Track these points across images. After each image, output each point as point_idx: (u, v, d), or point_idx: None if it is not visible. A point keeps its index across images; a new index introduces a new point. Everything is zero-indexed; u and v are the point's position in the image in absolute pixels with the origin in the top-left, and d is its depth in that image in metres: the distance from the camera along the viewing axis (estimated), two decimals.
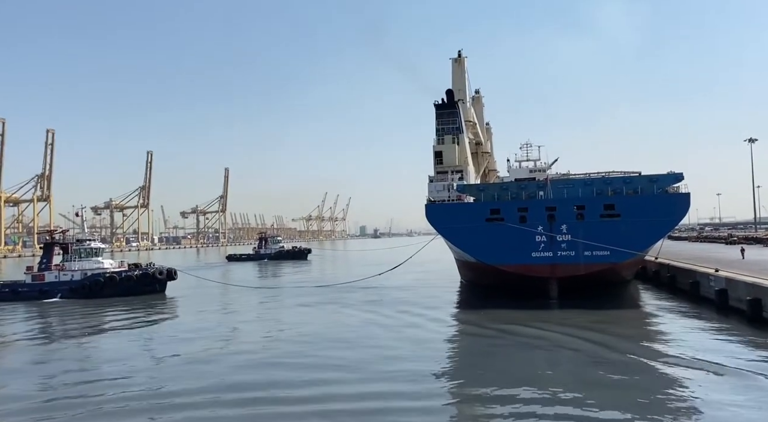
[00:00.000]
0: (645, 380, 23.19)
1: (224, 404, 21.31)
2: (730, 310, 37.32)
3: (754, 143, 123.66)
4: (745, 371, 23.66)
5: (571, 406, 20.12)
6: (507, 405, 20.48)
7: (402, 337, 33.74)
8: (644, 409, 19.45)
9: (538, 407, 20.12)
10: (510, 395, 21.58)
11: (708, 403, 19.97)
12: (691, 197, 49.27)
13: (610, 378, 23.57)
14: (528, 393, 21.75)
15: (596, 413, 19.38)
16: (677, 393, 21.40)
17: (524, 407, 20.22)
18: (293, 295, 56.64)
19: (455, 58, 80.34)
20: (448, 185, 60.86)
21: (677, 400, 20.56)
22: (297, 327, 38.09)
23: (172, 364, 28.23)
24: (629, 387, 22.20)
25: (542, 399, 20.96)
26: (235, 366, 27.03)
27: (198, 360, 28.76)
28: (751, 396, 20.61)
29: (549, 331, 33.85)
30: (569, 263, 47.51)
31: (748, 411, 19.03)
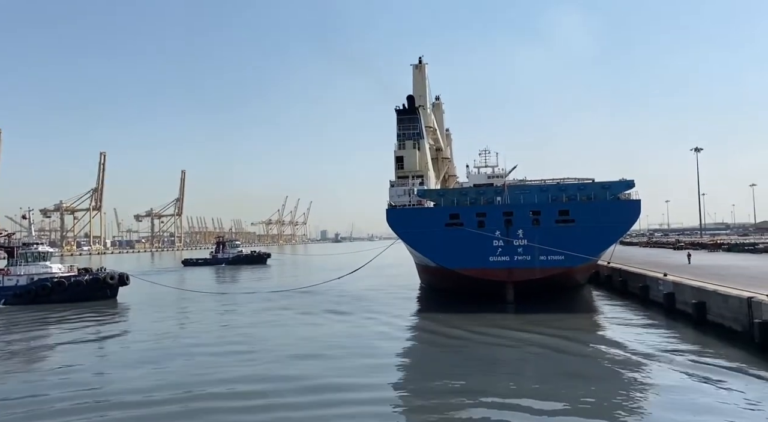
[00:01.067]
0: (598, 379, 23.96)
1: (176, 414, 20.86)
2: (677, 313, 38.77)
3: (699, 152, 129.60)
4: (691, 368, 24.94)
5: (531, 405, 20.61)
6: (464, 407, 20.79)
7: (361, 340, 33.81)
8: (600, 406, 20.20)
9: (496, 410, 20.47)
10: (466, 395, 21.93)
11: (657, 397, 21.14)
12: (641, 203, 51.18)
13: (567, 377, 24.29)
14: (484, 394, 22.09)
15: (556, 411, 19.92)
16: (630, 390, 22.33)
17: (481, 408, 20.56)
18: (251, 300, 55.82)
19: (416, 64, 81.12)
20: (408, 190, 61.31)
21: (630, 397, 21.41)
22: (253, 332, 37.62)
23: (121, 372, 27.33)
24: (585, 386, 22.88)
25: (500, 401, 21.32)
26: (186, 373, 26.49)
27: (151, 366, 28.03)
28: (697, 389, 21.96)
29: (506, 335, 34.50)
30: (525, 267, 48.55)
31: (695, 402, 20.20)
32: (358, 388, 23.34)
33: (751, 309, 29.20)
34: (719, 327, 32.60)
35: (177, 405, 21.53)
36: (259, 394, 22.64)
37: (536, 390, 22.32)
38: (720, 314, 33.05)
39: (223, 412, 20.57)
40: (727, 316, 32.15)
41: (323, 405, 21.26)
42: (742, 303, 30.30)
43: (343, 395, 22.41)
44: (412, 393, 23.43)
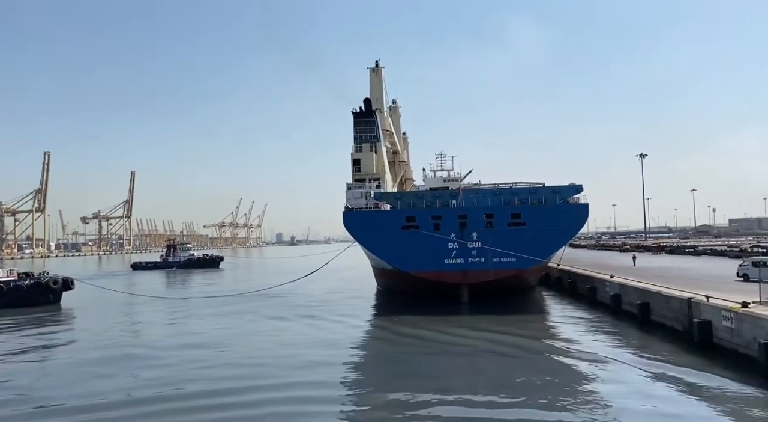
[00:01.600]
0: (548, 377, 24.71)
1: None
2: (623, 313, 40.29)
3: (644, 158, 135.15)
4: (635, 365, 26.14)
5: (485, 402, 21.06)
6: (417, 408, 21.02)
7: (316, 343, 33.66)
8: (551, 402, 20.84)
9: (451, 407, 20.81)
10: (419, 398, 22.14)
11: (603, 394, 22.09)
12: (589, 207, 52.99)
13: (519, 375, 24.95)
14: (440, 393, 22.39)
15: (509, 408, 20.42)
16: (579, 386, 23.26)
17: (437, 407, 20.84)
18: (202, 305, 54.65)
19: (373, 67, 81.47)
20: (365, 193, 61.46)
21: (579, 392, 22.30)
22: (205, 337, 36.88)
23: (64, 383, 26.24)
24: (536, 383, 23.62)
25: (456, 399, 21.68)
26: (135, 378, 25.79)
27: (97, 374, 27.07)
28: (638, 384, 23.14)
29: (460, 335, 35.10)
30: (479, 269, 49.44)
31: (639, 399, 21.14)
32: (312, 387, 23.34)
33: (690, 309, 30.68)
34: (662, 326, 34.08)
35: (121, 410, 20.99)
36: (207, 399, 22.31)
37: (490, 388, 22.80)
38: (662, 314, 34.55)
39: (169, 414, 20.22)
40: (669, 316, 33.65)
41: (277, 402, 21.27)
42: (682, 304, 31.78)
43: (297, 392, 22.39)
44: (369, 392, 23.59)
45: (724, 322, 26.91)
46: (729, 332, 26.52)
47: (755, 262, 39.86)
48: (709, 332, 28.09)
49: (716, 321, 27.77)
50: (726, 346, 26.68)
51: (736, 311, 26.04)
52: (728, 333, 26.58)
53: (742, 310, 25.69)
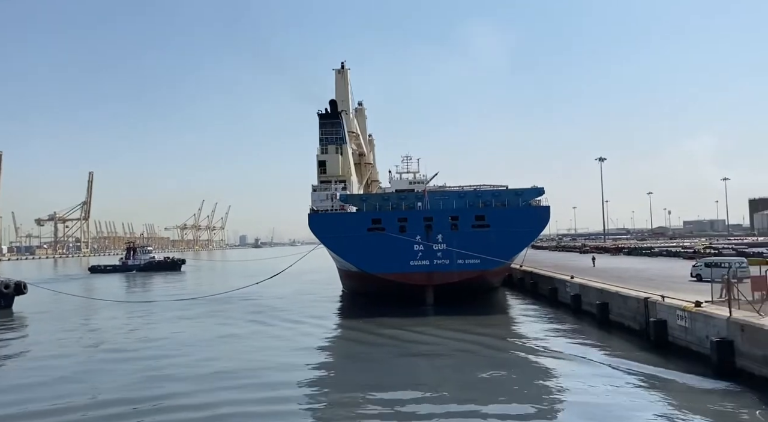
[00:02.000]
0: (511, 377, 25.19)
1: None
2: (583, 313, 41.33)
3: (603, 162, 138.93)
4: (595, 362, 27.06)
5: (452, 403, 21.29)
6: (387, 406, 21.13)
7: (280, 346, 33.41)
8: (512, 398, 21.39)
9: (415, 406, 20.98)
10: (388, 397, 22.28)
11: (565, 388, 23.01)
12: (551, 209, 54.10)
13: (482, 373, 25.39)
14: (406, 394, 22.57)
15: (475, 407, 20.71)
16: (540, 383, 23.97)
17: (403, 407, 20.99)
18: (163, 308, 53.39)
19: (338, 69, 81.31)
20: (331, 195, 61.23)
21: (540, 388, 22.99)
22: (165, 341, 36.14)
23: (19, 387, 25.41)
24: (499, 383, 24.07)
25: (422, 398, 21.93)
26: (90, 389, 25.01)
27: (53, 378, 26.21)
28: (596, 379, 23.96)
29: (426, 335, 35.40)
30: (444, 271, 49.88)
31: (596, 394, 21.91)
32: (279, 388, 23.18)
33: (647, 309, 31.68)
34: (620, 325, 35.09)
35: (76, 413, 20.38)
36: (166, 401, 21.94)
37: (454, 388, 23.11)
38: (621, 313, 35.58)
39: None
40: (626, 315, 34.67)
41: (240, 403, 21.13)
42: (639, 303, 32.79)
43: (263, 394, 22.26)
44: (332, 392, 23.58)
45: (679, 321, 27.88)
46: (683, 330, 27.48)
47: (708, 263, 41.46)
48: (664, 330, 29.05)
49: (671, 320, 28.74)
50: (680, 344, 27.64)
51: (689, 311, 27.01)
52: (682, 332, 27.55)
53: (696, 309, 26.66)
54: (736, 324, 23.10)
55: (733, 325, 23.35)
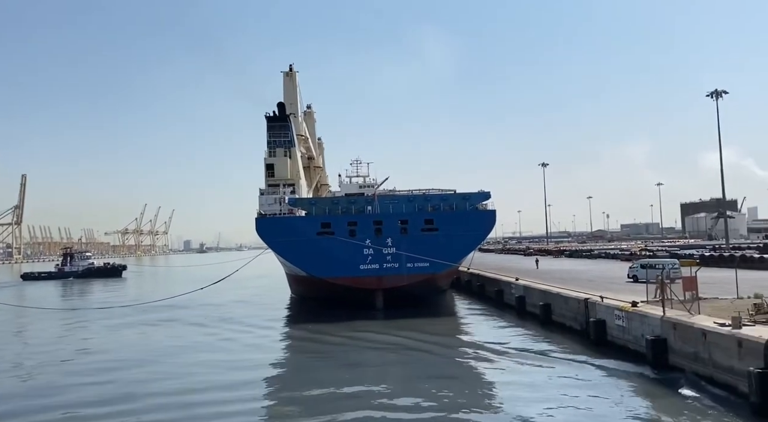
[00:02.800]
0: (458, 376, 25.88)
1: None
2: (527, 314, 42.49)
3: (546, 167, 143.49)
4: (536, 359, 28.13)
5: (397, 404, 21.51)
6: (335, 411, 21.10)
7: (227, 353, 32.76)
8: (460, 400, 21.81)
9: (366, 411, 21.03)
10: (337, 399, 22.35)
11: (508, 384, 24.15)
12: (497, 213, 55.41)
13: (430, 375, 25.82)
14: (354, 396, 22.71)
15: (420, 407, 21.01)
16: (486, 384, 24.84)
17: (352, 411, 21.02)
18: (102, 316, 51.18)
19: (287, 71, 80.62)
20: (279, 199, 60.46)
21: (485, 390, 23.71)
22: (103, 350, 34.83)
23: None
24: (446, 382, 24.58)
25: (368, 402, 21.97)
26: (21, 399, 23.83)
27: None
28: (541, 377, 25.00)
29: (377, 337, 35.70)
30: (394, 274, 50.14)
31: (542, 390, 22.83)
32: (227, 401, 22.67)
33: (587, 309, 32.92)
34: (562, 325, 36.31)
35: None
36: (101, 407, 21.28)
37: (402, 389, 23.47)
38: (562, 314, 36.81)
39: None
40: (568, 316, 35.90)
41: (190, 418, 20.67)
42: (580, 304, 34.03)
43: (211, 408, 21.73)
44: (283, 399, 23.46)
45: (617, 321, 29.12)
46: (621, 330, 28.71)
47: (643, 264, 43.43)
48: (603, 330, 30.27)
49: (609, 319, 29.97)
50: (618, 343, 28.86)
51: (626, 311, 28.25)
52: (620, 331, 28.78)
53: (632, 309, 27.92)
54: (669, 323, 24.34)
55: (666, 324, 24.58)
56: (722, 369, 20.69)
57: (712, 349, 21.26)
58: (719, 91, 78.05)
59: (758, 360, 18.57)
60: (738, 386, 19.65)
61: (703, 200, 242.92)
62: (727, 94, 78.38)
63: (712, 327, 21.53)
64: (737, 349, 19.83)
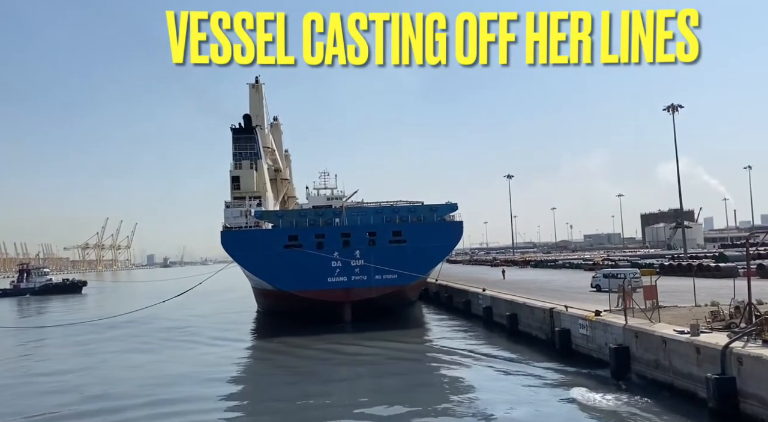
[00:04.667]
0: (426, 386, 26.14)
1: None
2: (494, 324, 42.84)
3: (511, 179, 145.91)
4: (502, 368, 28.55)
5: (368, 415, 21.53)
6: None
7: (192, 370, 31.98)
8: (428, 409, 22.19)
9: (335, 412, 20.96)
10: (308, 410, 22.29)
11: (475, 398, 24.27)
12: (464, 224, 55.93)
13: (399, 386, 25.98)
14: (323, 408, 22.67)
15: (398, 415, 21.39)
16: (453, 393, 25.02)
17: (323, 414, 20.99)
18: (59, 334, 49.29)
19: (253, 83, 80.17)
20: (245, 211, 59.76)
21: (453, 399, 23.83)
22: (63, 370, 33.61)
23: None
24: (414, 392, 24.84)
25: (342, 412, 22.12)
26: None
27: None
28: (507, 384, 25.77)
29: (343, 351, 35.43)
30: (362, 286, 49.97)
31: (509, 395, 23.53)
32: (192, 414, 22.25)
33: (552, 319, 33.39)
34: (528, 335, 36.70)
35: None
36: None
37: (372, 401, 23.50)
38: (528, 324, 37.23)
39: None
40: (534, 326, 36.33)
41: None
42: (545, 314, 34.49)
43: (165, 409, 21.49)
44: (252, 412, 23.31)
45: (581, 330, 29.60)
46: (585, 339, 29.19)
47: (606, 274, 44.33)
48: (568, 339, 30.70)
49: (574, 329, 30.45)
50: (583, 352, 29.32)
51: (590, 320, 28.75)
52: (584, 340, 29.26)
53: (596, 318, 28.43)
54: (631, 331, 24.87)
55: (628, 332, 25.10)
56: (682, 376, 21.22)
57: (672, 356, 21.79)
58: (675, 105, 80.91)
59: (716, 366, 19.13)
60: (697, 392, 20.16)
61: (662, 211, 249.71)
62: (683, 108, 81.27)
63: (671, 335, 22.09)
64: (696, 356, 20.39)
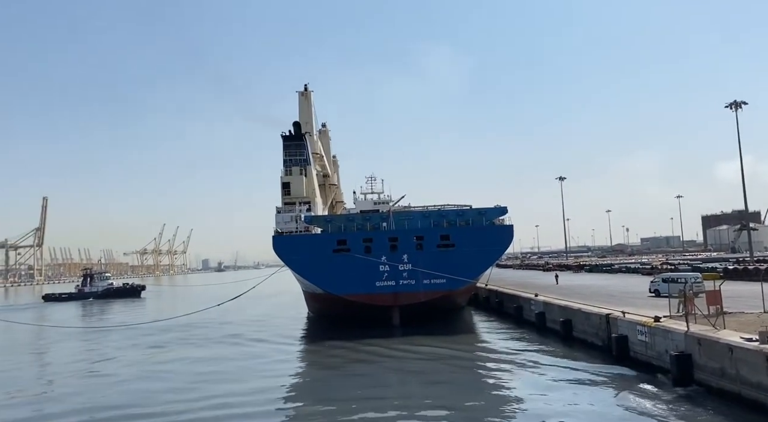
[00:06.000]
0: (478, 386, 25.77)
1: None
2: (547, 330, 41.81)
3: (563, 181, 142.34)
4: (559, 374, 27.46)
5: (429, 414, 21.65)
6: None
7: (245, 371, 32.71)
8: (487, 410, 21.83)
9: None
10: (360, 411, 22.38)
11: (532, 396, 24.03)
12: (514, 228, 54.89)
13: (452, 388, 25.88)
14: (377, 409, 22.82)
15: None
16: (510, 394, 24.93)
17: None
18: (121, 336, 51.48)
19: (302, 91, 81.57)
20: (295, 217, 60.74)
21: (507, 398, 23.50)
22: (124, 368, 34.89)
23: None
24: (471, 397, 24.25)
25: (393, 407, 22.09)
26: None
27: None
28: (562, 390, 24.92)
29: (394, 356, 35.28)
30: (410, 291, 49.79)
31: (564, 402, 22.82)
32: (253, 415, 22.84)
33: (609, 325, 32.28)
34: (583, 342, 35.61)
35: None
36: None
37: (424, 404, 23.44)
38: (583, 330, 36.13)
39: None
40: (589, 332, 35.23)
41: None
42: (601, 320, 33.40)
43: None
44: (305, 412, 23.49)
45: (639, 336, 28.48)
46: (644, 345, 28.06)
47: (665, 278, 42.58)
48: (625, 346, 29.62)
49: (632, 335, 29.34)
50: (641, 359, 28.20)
51: (649, 326, 27.63)
52: (643, 346, 28.13)
53: (655, 324, 27.29)
54: (694, 338, 23.73)
55: (690, 339, 23.97)
56: (750, 386, 20.08)
57: (739, 365, 20.66)
58: (738, 102, 77.08)
59: None
60: (767, 402, 19.02)
61: (725, 212, 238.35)
62: (746, 105, 77.33)
63: (739, 343, 20.96)
64: (765, 365, 19.24)
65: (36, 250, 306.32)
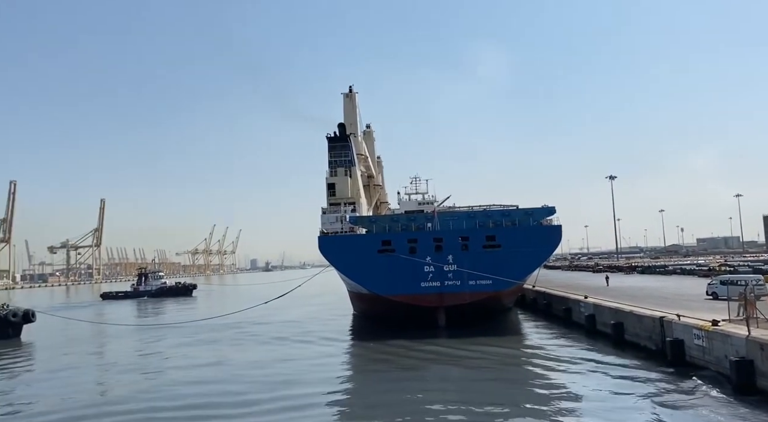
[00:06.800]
0: (529, 388, 25.77)
1: None
2: (597, 333, 40.64)
3: (614, 180, 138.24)
4: (612, 379, 26.49)
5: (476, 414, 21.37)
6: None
7: (294, 369, 33.23)
8: (537, 413, 21.33)
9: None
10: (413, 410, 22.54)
11: (584, 400, 23.01)
12: (562, 228, 53.69)
13: (501, 390, 25.79)
14: (427, 411, 22.69)
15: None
16: (555, 396, 23.79)
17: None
18: (175, 334, 53.17)
19: (347, 93, 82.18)
20: (340, 217, 61.29)
21: (556, 402, 22.65)
22: (181, 366, 35.98)
23: None
24: (519, 396, 23.98)
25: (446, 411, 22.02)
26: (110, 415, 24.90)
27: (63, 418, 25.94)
28: (614, 394, 24.27)
29: (442, 354, 35.46)
30: (455, 292, 49.43)
31: (617, 407, 22.38)
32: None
33: (663, 328, 31.13)
34: (636, 345, 34.47)
35: None
36: None
37: (471, 405, 23.14)
38: (636, 333, 34.97)
39: None
40: (642, 335, 34.07)
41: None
42: (655, 323, 32.24)
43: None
44: (355, 408, 23.80)
45: (696, 340, 27.36)
46: (701, 350, 26.95)
47: (723, 281, 40.80)
48: (681, 350, 28.51)
49: (688, 339, 28.21)
50: (698, 364, 27.07)
51: (707, 330, 26.51)
52: (700, 351, 27.01)
53: (713, 328, 26.17)
54: (756, 343, 22.62)
55: (752, 344, 22.86)
56: None
57: None
58: None
59: None
60: None
61: None
62: None
63: None
64: None
65: (94, 250, 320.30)
